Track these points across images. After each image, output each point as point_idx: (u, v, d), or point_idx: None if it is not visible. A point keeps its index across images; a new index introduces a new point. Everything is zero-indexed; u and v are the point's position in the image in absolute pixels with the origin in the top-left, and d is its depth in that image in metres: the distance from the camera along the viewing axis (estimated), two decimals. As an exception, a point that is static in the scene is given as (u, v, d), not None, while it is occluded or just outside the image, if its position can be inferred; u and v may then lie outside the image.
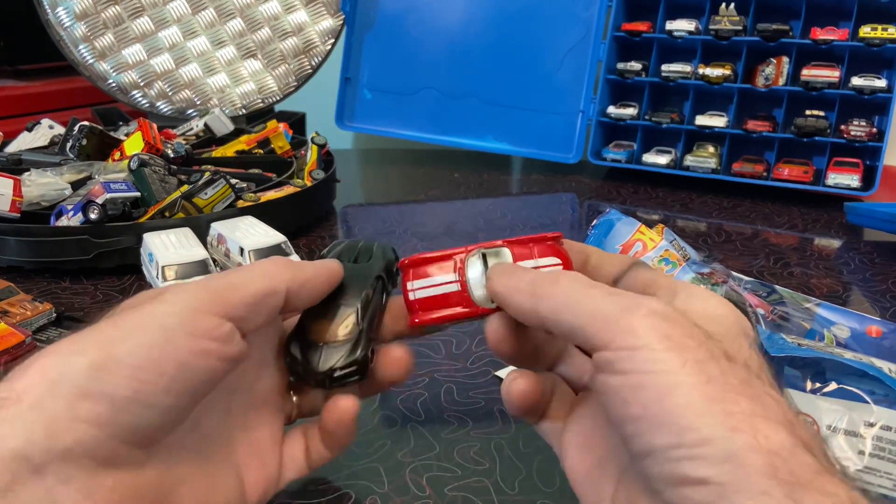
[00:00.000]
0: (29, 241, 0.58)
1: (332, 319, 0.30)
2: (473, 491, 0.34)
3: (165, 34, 0.98)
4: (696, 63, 0.88)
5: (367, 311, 0.30)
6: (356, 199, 0.83)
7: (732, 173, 0.85)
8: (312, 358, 0.29)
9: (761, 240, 0.70)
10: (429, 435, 0.38)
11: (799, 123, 0.82)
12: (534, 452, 0.37)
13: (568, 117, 0.93)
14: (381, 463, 0.36)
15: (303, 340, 0.30)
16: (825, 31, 0.81)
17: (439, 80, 0.97)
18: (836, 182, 0.80)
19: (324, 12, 0.98)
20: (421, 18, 0.97)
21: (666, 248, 0.45)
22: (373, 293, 0.31)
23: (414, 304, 0.30)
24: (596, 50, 0.91)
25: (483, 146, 0.97)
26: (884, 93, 0.79)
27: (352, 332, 0.30)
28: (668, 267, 0.45)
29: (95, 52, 0.98)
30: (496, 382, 0.44)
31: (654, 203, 0.81)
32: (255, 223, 0.60)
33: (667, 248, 0.46)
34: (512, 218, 0.75)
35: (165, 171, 0.65)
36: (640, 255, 0.45)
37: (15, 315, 0.50)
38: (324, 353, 0.29)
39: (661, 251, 0.45)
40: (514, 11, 0.94)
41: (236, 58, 0.99)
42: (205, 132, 0.88)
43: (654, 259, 0.45)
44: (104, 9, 0.97)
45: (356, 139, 1.21)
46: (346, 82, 1.00)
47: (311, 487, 0.34)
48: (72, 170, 0.68)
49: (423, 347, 0.48)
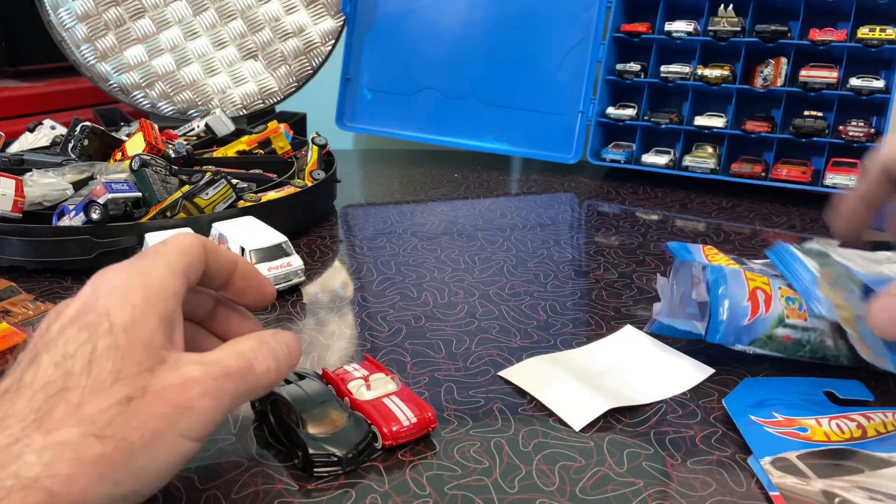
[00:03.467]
0: (31, 241, 0.59)
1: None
2: (473, 490, 0.34)
3: (167, 35, 0.98)
4: (694, 64, 0.88)
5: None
6: (356, 199, 0.83)
7: (731, 173, 0.85)
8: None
9: (760, 239, 0.70)
10: (429, 434, 0.38)
11: (797, 124, 0.83)
12: (534, 452, 0.37)
13: (567, 118, 0.94)
14: (381, 461, 0.36)
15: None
16: (823, 32, 0.81)
17: (439, 80, 0.98)
18: (834, 182, 0.80)
19: (324, 13, 0.99)
20: (421, 19, 0.97)
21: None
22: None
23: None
24: (595, 51, 0.91)
25: (483, 146, 0.97)
26: (882, 93, 0.79)
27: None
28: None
29: (97, 53, 0.98)
30: (496, 381, 0.44)
31: (654, 203, 0.82)
32: (256, 223, 0.60)
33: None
34: (512, 218, 0.76)
35: (167, 172, 0.65)
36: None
37: (17, 315, 0.51)
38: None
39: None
40: (514, 12, 0.94)
41: (237, 59, 0.99)
42: (206, 133, 0.88)
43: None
44: (105, 10, 0.97)
45: (356, 139, 1.21)
46: (347, 83, 1.00)
47: (311, 487, 0.34)
48: (73, 170, 0.68)
49: (422, 347, 0.48)
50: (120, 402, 0.26)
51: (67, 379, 0.26)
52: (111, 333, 0.27)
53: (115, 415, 0.26)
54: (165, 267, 0.31)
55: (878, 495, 0.33)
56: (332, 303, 0.55)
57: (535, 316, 0.53)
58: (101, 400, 0.26)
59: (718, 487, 0.35)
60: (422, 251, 0.65)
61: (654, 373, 0.45)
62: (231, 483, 0.35)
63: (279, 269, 0.55)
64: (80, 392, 0.26)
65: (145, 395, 0.27)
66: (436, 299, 0.56)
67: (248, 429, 0.39)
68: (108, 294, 0.29)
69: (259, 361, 0.31)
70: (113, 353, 0.27)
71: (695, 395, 0.42)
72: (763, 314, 0.42)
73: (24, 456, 0.24)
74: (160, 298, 0.29)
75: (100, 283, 0.29)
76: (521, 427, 0.39)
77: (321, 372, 0.42)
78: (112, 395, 0.26)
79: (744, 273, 0.44)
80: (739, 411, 0.40)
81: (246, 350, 0.31)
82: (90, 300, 0.29)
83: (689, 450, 0.37)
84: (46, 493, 0.24)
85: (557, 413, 0.40)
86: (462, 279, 0.59)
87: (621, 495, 0.34)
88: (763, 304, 0.43)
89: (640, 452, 0.37)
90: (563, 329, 0.51)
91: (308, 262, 0.63)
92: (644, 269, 0.62)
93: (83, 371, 0.26)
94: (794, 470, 0.35)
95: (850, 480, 0.34)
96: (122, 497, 0.26)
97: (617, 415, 0.40)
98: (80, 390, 0.26)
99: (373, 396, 0.39)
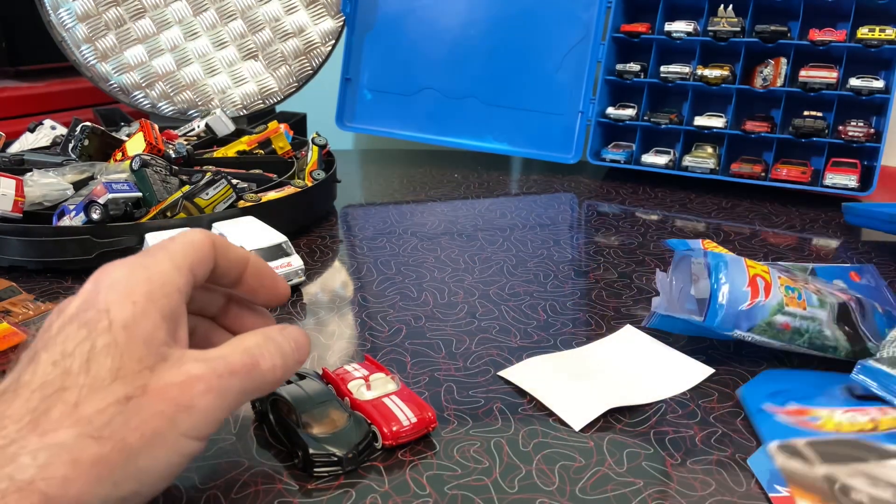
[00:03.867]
0: (31, 241, 0.59)
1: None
2: (473, 490, 0.34)
3: (167, 35, 0.98)
4: (694, 64, 0.88)
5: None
6: (356, 199, 0.83)
7: (731, 174, 0.85)
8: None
9: (760, 240, 0.70)
10: (429, 434, 0.38)
11: (797, 124, 0.83)
12: (534, 451, 0.37)
13: (567, 118, 0.94)
14: (381, 461, 0.36)
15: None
16: (823, 33, 0.81)
17: (439, 80, 0.98)
18: (833, 182, 0.80)
19: (324, 13, 0.99)
20: (421, 19, 0.97)
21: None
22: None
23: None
24: (595, 51, 0.92)
25: (483, 146, 0.97)
26: (881, 94, 0.80)
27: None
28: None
29: (97, 53, 0.98)
30: (496, 381, 0.44)
31: (653, 203, 0.82)
32: (256, 223, 0.60)
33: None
34: (512, 218, 0.76)
35: (167, 172, 0.65)
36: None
37: (17, 315, 0.51)
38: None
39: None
40: (514, 12, 0.94)
41: (237, 59, 0.99)
42: (206, 133, 0.88)
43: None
44: (106, 10, 0.97)
45: (356, 139, 1.21)
46: (347, 83, 1.00)
47: (311, 487, 0.34)
48: (74, 170, 0.68)
49: (422, 346, 0.48)
50: (119, 402, 0.26)
51: (65, 378, 0.26)
52: (110, 331, 0.27)
53: (113, 414, 0.26)
54: (170, 262, 0.30)
55: (880, 483, 0.33)
56: (332, 303, 0.55)
57: (534, 316, 0.53)
58: (100, 399, 0.26)
59: (718, 487, 0.35)
60: (422, 251, 0.65)
61: (653, 373, 0.45)
62: (231, 483, 0.35)
63: (279, 269, 0.55)
64: (77, 392, 0.26)
65: (145, 394, 0.26)
66: (436, 299, 0.56)
67: (248, 429, 0.39)
68: (109, 290, 0.28)
69: (265, 358, 0.30)
70: (112, 351, 0.27)
71: (695, 395, 0.42)
72: (762, 300, 0.42)
73: (19, 458, 0.24)
74: (162, 294, 0.29)
75: (101, 279, 0.29)
76: (521, 427, 0.39)
77: (321, 372, 0.42)
78: (111, 394, 0.26)
79: (744, 260, 0.45)
80: (754, 399, 0.40)
81: (252, 346, 0.30)
82: (91, 296, 0.28)
83: (689, 450, 0.37)
84: (42, 496, 0.24)
85: (557, 413, 0.40)
86: (462, 279, 0.59)
87: (621, 495, 0.34)
88: (763, 291, 0.43)
89: (640, 452, 0.37)
90: (563, 329, 0.51)
91: (308, 262, 0.63)
92: (644, 269, 0.62)
93: (81, 369, 0.26)
94: (799, 455, 0.35)
95: (855, 468, 0.34)
96: (123, 498, 0.26)
97: (617, 415, 0.40)
98: (78, 390, 0.26)
99: (373, 396, 0.39)
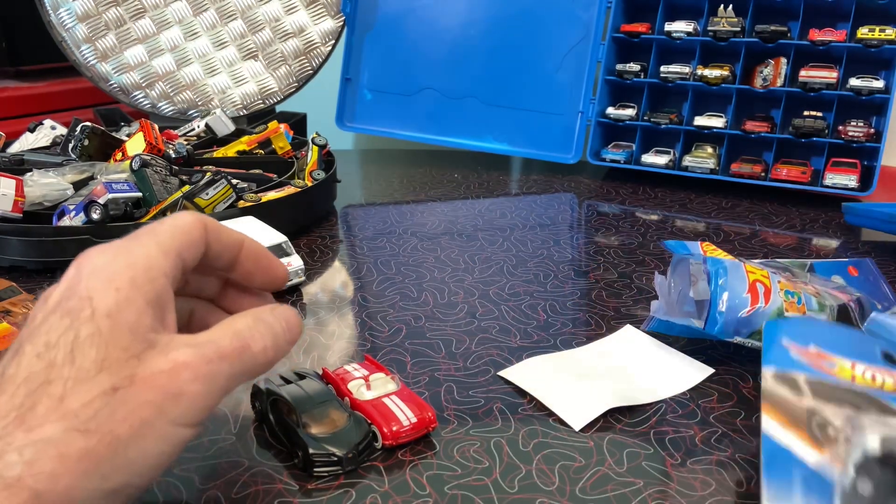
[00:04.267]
0: (31, 241, 0.59)
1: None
2: (473, 490, 0.34)
3: (167, 35, 0.98)
4: (694, 64, 0.88)
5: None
6: (356, 199, 0.83)
7: (731, 174, 0.85)
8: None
9: (760, 240, 0.70)
10: (429, 434, 0.38)
11: (797, 124, 0.83)
12: (534, 451, 0.37)
13: (567, 118, 0.94)
14: (381, 461, 0.36)
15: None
16: (823, 33, 0.81)
17: (439, 80, 0.98)
18: (833, 182, 0.80)
19: (324, 13, 0.99)
20: (421, 19, 0.97)
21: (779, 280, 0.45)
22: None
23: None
24: (595, 51, 0.92)
25: (483, 146, 0.97)
26: (881, 94, 0.80)
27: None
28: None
29: (97, 53, 0.98)
30: (496, 381, 0.44)
31: (653, 203, 0.82)
32: (256, 223, 0.60)
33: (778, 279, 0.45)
34: (512, 218, 0.76)
35: (167, 172, 0.65)
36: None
37: (17, 315, 0.51)
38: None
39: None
40: (514, 12, 0.94)
41: (237, 59, 0.99)
42: (206, 133, 0.88)
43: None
44: (106, 10, 0.97)
45: (356, 139, 1.21)
46: (347, 83, 1.00)
47: (311, 487, 0.34)
48: (74, 170, 0.68)
49: (422, 346, 0.48)
50: (105, 393, 0.25)
51: (50, 370, 0.25)
52: (93, 320, 0.26)
53: (99, 407, 0.25)
54: (156, 246, 0.29)
55: (864, 431, 0.30)
56: (332, 303, 0.55)
57: (534, 316, 0.53)
58: (86, 391, 0.25)
59: (718, 487, 0.35)
60: (422, 251, 0.65)
61: (653, 373, 0.45)
62: (231, 483, 0.35)
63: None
64: (62, 384, 0.25)
65: (133, 384, 0.26)
66: (436, 299, 0.56)
67: (248, 429, 0.39)
68: (91, 277, 0.27)
69: (255, 340, 0.29)
70: (97, 341, 0.26)
71: (695, 395, 0.42)
72: (762, 306, 0.42)
73: (5, 455, 0.24)
74: (147, 279, 0.28)
75: (83, 265, 0.28)
76: (521, 427, 0.39)
77: (321, 372, 0.42)
78: (97, 386, 0.25)
79: (744, 266, 0.44)
80: (775, 332, 0.37)
81: (242, 328, 0.29)
82: (73, 283, 0.27)
83: (689, 450, 0.37)
84: (31, 493, 0.24)
85: (557, 413, 0.40)
86: (462, 279, 0.59)
87: (621, 495, 0.34)
88: (762, 297, 0.43)
89: (640, 452, 0.37)
90: (563, 329, 0.51)
91: (308, 262, 0.63)
92: (644, 269, 0.62)
93: (66, 361, 0.25)
94: (793, 386, 0.33)
95: (845, 412, 0.31)
96: (114, 491, 0.26)
97: (617, 415, 0.40)
98: (63, 382, 0.25)
99: (373, 396, 0.39)
